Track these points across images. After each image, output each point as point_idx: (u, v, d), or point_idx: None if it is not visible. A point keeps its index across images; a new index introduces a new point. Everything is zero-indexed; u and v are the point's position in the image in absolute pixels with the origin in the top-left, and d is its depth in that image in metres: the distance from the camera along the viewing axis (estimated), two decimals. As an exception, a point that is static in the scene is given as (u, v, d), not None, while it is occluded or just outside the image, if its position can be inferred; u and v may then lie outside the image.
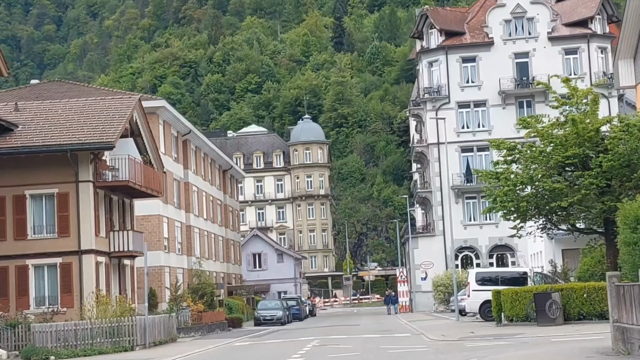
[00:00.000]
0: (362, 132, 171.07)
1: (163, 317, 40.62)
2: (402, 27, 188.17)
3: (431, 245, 77.46)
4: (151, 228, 59.80)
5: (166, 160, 62.18)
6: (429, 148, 78.18)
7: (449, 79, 77.59)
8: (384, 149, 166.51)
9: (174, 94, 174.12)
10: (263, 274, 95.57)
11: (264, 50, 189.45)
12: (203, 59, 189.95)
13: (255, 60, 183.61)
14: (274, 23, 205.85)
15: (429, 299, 75.52)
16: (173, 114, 63.13)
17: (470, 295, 45.96)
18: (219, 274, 77.86)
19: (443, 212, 77.40)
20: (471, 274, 46.68)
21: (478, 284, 45.71)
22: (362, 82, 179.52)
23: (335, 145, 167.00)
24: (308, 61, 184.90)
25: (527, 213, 38.53)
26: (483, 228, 77.01)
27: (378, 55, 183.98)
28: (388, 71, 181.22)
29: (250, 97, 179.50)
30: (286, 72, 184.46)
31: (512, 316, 37.31)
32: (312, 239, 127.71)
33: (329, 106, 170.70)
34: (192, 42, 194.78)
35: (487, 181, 42.06)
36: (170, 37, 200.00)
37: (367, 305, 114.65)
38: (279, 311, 63.34)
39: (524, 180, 38.22)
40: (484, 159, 77.76)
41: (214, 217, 77.59)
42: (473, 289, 45.77)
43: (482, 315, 45.77)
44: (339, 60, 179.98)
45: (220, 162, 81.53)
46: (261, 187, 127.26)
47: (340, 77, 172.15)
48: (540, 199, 37.92)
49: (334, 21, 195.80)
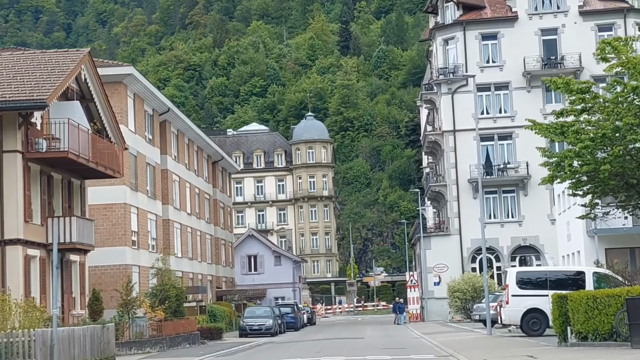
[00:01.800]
0: (368, 136, 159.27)
1: (91, 329, 27.75)
2: (410, 32, 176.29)
3: (445, 245, 64.71)
4: (115, 219, 47.23)
5: (137, 140, 49.69)
6: (444, 136, 65.45)
7: (467, 58, 65.02)
8: (390, 153, 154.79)
9: (178, 97, 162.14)
10: (259, 278, 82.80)
11: (269, 53, 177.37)
12: (208, 62, 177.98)
13: (261, 63, 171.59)
14: (280, 29, 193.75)
15: (443, 307, 62.77)
16: (146, 86, 50.60)
17: (510, 301, 33.06)
18: (206, 276, 65.11)
19: (459, 208, 64.64)
20: (510, 274, 33.79)
21: (519, 287, 32.88)
22: (368, 86, 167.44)
23: (341, 149, 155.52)
24: (314, 65, 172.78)
25: (608, 183, 25.38)
26: (505, 227, 64.31)
27: (385, 59, 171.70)
28: (395, 75, 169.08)
29: (254, 101, 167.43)
30: (291, 76, 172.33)
31: (587, 332, 24.20)
32: (314, 243, 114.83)
33: (334, 109, 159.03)
34: (197, 45, 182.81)
35: (547, 136, 29.03)
36: (175, 40, 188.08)
37: (373, 312, 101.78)
38: (268, 319, 50.58)
39: (607, 132, 24.97)
40: (505, 148, 65.00)
41: (200, 213, 64.94)
42: (513, 294, 32.92)
43: (524, 328, 32.99)
44: (345, 64, 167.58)
45: (209, 151, 68.85)
46: (261, 188, 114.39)
47: (346, 80, 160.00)
48: (630, 162, 24.81)
49: (340, 26, 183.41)
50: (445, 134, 65.21)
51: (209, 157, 69.23)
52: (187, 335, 39.45)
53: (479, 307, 47.71)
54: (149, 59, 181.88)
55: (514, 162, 64.24)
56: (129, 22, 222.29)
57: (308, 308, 73.11)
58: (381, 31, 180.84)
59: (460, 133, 64.64)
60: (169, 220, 55.96)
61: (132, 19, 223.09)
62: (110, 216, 47.13)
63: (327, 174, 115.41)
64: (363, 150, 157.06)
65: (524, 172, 63.69)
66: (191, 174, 63.03)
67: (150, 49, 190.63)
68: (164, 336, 36.02)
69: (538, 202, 63.95)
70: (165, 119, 56.38)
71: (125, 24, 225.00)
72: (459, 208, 64.59)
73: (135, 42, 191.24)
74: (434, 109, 70.16)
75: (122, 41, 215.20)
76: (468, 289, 58.44)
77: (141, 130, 50.83)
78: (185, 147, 62.09)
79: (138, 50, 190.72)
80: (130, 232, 47.88)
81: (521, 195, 64.40)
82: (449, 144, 64.93)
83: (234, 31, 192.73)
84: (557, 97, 64.14)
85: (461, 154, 64.49)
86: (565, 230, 53.53)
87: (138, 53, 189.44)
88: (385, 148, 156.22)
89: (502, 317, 34.09)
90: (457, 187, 64.64)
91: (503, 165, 64.24)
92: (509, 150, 64.42)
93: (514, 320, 33.41)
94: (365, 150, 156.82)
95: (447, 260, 64.39)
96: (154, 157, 53.25)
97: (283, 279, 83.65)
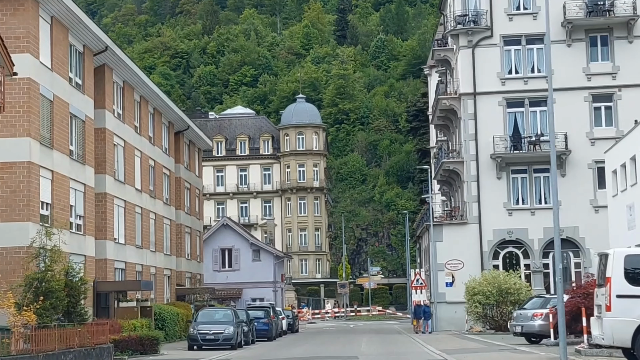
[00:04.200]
0: (364, 130, 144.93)
1: None
2: (411, 22, 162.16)
3: (461, 237, 50.29)
4: (15, 184, 32.80)
5: (54, 80, 35.46)
6: (461, 101, 51.00)
7: (492, 3, 50.64)
8: (388, 148, 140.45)
9: (164, 86, 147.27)
10: (234, 276, 68.34)
11: (261, 42, 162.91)
12: (196, 49, 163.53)
13: (252, 51, 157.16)
14: (274, 19, 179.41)
15: (457, 314, 48.41)
16: (71, 11, 36.10)
17: (612, 306, 18.50)
18: (161, 270, 50.62)
19: (479, 190, 50.20)
20: (613, 260, 19.20)
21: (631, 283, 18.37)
22: (365, 77, 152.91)
23: (335, 143, 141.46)
24: (308, 54, 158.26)
25: None
26: (536, 214, 49.87)
27: (383, 50, 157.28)
28: (394, 66, 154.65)
29: (244, 91, 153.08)
30: (284, 65, 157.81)
31: None
32: (302, 239, 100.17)
33: (329, 100, 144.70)
34: (185, 32, 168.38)
35: None
36: (162, 27, 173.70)
37: (367, 318, 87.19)
38: (228, 326, 36.01)
39: None
40: (538, 116, 50.55)
41: (156, 191, 50.46)
42: (620, 293, 18.42)
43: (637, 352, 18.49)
44: (342, 53, 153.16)
45: (171, 117, 54.33)
46: (245, 177, 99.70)
47: (342, 69, 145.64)
48: None
49: (337, 15, 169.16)
50: (463, 98, 50.74)
51: (171, 125, 54.70)
52: (87, 351, 24.84)
53: (520, 316, 33.22)
54: (134, 47, 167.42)
55: (547, 134, 49.90)
56: (119, 12, 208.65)
57: (290, 312, 58.50)
58: (380, 20, 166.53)
59: (482, 97, 50.32)
60: (106, 195, 41.46)
61: (121, 8, 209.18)
62: (7, 179, 32.74)
63: (319, 163, 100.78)
64: (359, 145, 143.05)
65: (562, 146, 49.36)
66: (144, 141, 48.56)
67: (136, 35, 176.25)
68: (35, 353, 21.39)
69: (579, 184, 49.70)
70: (105, 62, 41.91)
71: (115, 14, 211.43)
72: (478, 190, 50.18)
73: (121, 27, 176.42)
74: (448, 71, 55.75)
75: (110, 30, 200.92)
76: (492, 292, 44.04)
77: (62, 69, 36.35)
78: (136, 106, 47.60)
79: (123, 38, 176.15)
80: (39, 204, 33.44)
81: (557, 175, 49.89)
82: (467, 110, 50.48)
83: (226, 21, 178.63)
84: (604, 53, 49.91)
85: (483, 123, 50.19)
86: (626, 214, 39.33)
87: (124, 40, 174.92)
88: (382, 143, 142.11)
89: (599, 332, 19.55)
90: (476, 164, 50.22)
91: (535, 138, 49.82)
92: (543, 119, 50.02)
93: (619, 338, 18.85)
94: (361, 145, 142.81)
95: (462, 255, 50.03)
96: (84, 108, 38.75)
97: (262, 277, 69.03)
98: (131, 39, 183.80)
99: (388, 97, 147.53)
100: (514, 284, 44.48)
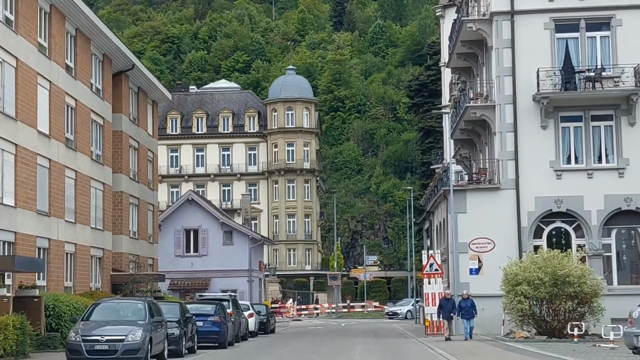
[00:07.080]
0: (361, 118, 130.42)
1: None
2: (410, 7, 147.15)
3: (490, 208, 34.64)
4: None
5: None
6: (493, 24, 35.31)
7: None
8: (385, 137, 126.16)
9: (153, 71, 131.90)
10: (200, 262, 52.67)
11: (255, 27, 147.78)
12: (187, 34, 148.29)
13: (245, 37, 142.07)
14: (269, 7, 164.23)
15: (486, 311, 32.50)
16: None
17: None
18: (87, 249, 34.95)
19: (517, 144, 34.55)
20: None
21: None
22: (362, 64, 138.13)
23: (330, 131, 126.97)
24: (303, 40, 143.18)
25: None
26: (594, 177, 34.25)
27: (382, 36, 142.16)
28: (392, 52, 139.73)
29: (237, 77, 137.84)
30: (279, 51, 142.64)
31: None
32: (291, 227, 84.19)
33: (324, 87, 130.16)
34: (177, 16, 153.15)
35: None
36: (153, 12, 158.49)
37: (361, 316, 71.37)
38: (133, 329, 20.33)
39: None
40: (598, 44, 34.78)
41: (79, 142, 34.78)
42: None
43: None
44: (338, 38, 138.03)
45: (106, 48, 38.53)
46: (228, 157, 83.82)
47: (338, 55, 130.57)
48: None
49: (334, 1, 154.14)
50: (496, 19, 35.06)
51: (105, 58, 38.88)
52: None
53: None
54: (123, 32, 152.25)
55: (611, 68, 34.31)
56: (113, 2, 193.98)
57: (263, 308, 42.66)
58: (378, 6, 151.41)
59: (523, 17, 34.73)
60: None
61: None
62: None
63: (310, 142, 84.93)
64: (355, 133, 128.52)
65: (631, 83, 33.83)
66: (60, 71, 32.90)
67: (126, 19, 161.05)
68: None
69: (654, 135, 34.14)
70: None
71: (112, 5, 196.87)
72: (516, 144, 34.50)
73: (110, 12, 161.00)
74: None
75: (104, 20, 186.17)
76: (546, 280, 28.43)
77: None
78: (44, 21, 31.94)
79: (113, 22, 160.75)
80: None
81: (624, 124, 34.36)
82: (501, 36, 34.82)
83: (220, 9, 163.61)
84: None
85: (523, 53, 34.60)
86: None
87: (113, 24, 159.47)
88: (379, 131, 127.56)
89: None
90: (514, 108, 34.59)
91: (594, 73, 34.07)
92: (604, 48, 34.39)
93: None
94: (357, 133, 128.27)
95: (492, 232, 34.40)
96: None
97: (235, 265, 53.15)
98: (121, 24, 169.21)
99: (386, 84, 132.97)
100: (574, 269, 28.91)
